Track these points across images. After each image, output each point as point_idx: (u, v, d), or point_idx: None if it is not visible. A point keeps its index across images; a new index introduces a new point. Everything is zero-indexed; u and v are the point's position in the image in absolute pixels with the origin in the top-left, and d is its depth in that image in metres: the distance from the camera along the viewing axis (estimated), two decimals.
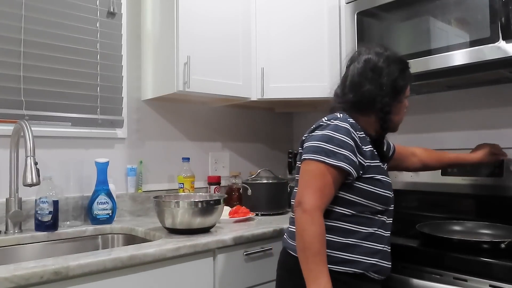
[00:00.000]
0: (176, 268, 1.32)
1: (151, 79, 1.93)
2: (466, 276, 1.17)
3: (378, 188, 1.17)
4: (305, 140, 1.23)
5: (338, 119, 1.19)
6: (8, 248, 1.45)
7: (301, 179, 1.17)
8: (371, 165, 1.18)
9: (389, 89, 1.20)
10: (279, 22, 2.00)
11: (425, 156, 1.60)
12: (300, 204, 1.11)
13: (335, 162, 1.12)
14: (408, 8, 1.62)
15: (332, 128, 1.16)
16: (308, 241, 1.08)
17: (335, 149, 1.13)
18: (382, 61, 1.23)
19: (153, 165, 2.03)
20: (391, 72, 1.22)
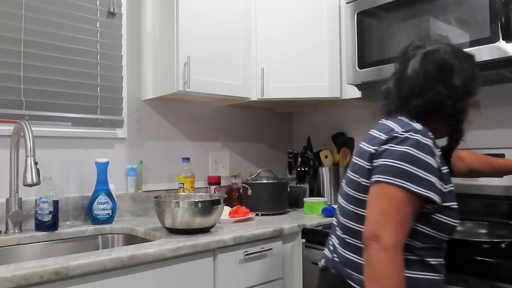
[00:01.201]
0: (176, 268, 1.32)
1: (151, 79, 1.93)
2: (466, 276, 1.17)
3: (452, 219, 1.00)
4: (376, 155, 1.00)
5: (419, 131, 0.97)
6: (8, 248, 1.45)
7: (375, 205, 0.95)
8: (448, 191, 1.00)
9: (461, 91, 1.03)
10: (279, 22, 2.00)
11: (473, 161, 1.41)
12: (377, 239, 0.91)
13: (421, 190, 0.92)
14: (408, 8, 1.62)
15: (414, 144, 0.95)
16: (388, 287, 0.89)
17: (421, 173, 0.93)
18: (452, 56, 1.05)
19: (153, 165, 2.03)
20: (464, 71, 1.04)
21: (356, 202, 1.04)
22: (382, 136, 1.02)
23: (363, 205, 1.01)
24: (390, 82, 1.13)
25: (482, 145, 1.78)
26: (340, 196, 1.13)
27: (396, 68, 1.13)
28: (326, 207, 1.86)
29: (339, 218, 1.11)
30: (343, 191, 1.11)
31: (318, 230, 1.64)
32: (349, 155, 2.30)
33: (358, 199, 1.03)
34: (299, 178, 2.29)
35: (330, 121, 2.45)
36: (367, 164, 1.01)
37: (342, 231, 1.08)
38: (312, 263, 1.60)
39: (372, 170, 0.99)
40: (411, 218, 0.94)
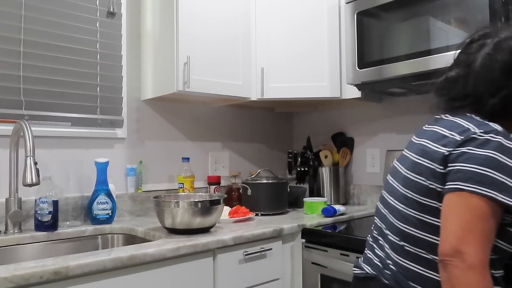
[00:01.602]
0: (176, 268, 1.32)
1: (151, 79, 1.93)
2: None
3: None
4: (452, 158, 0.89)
5: (500, 133, 0.87)
6: (8, 248, 1.45)
7: (455, 216, 0.84)
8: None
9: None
10: (279, 22, 2.00)
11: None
12: (460, 256, 0.80)
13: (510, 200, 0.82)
14: (408, 8, 1.62)
15: (498, 148, 0.85)
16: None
17: (508, 181, 0.83)
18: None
19: (153, 165, 2.03)
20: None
21: (420, 207, 0.92)
22: (456, 136, 0.91)
23: (428, 211, 0.91)
24: (453, 73, 1.02)
25: None
26: (391, 196, 1.02)
27: (460, 59, 1.01)
28: (326, 207, 1.86)
29: (393, 221, 0.99)
30: (397, 192, 0.99)
31: (318, 230, 1.64)
32: (349, 155, 2.30)
33: (422, 204, 0.92)
34: (299, 178, 2.29)
35: (330, 121, 2.45)
36: (439, 167, 0.90)
37: (399, 237, 0.96)
38: (312, 263, 1.60)
39: (447, 174, 0.88)
40: (495, 231, 0.84)
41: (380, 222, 1.04)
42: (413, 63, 1.59)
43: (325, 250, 1.56)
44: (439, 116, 1.03)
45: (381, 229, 1.03)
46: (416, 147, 1.00)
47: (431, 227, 0.90)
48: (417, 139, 1.03)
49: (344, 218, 1.86)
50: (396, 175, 1.02)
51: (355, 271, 1.07)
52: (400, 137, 2.10)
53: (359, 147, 2.30)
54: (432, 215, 0.90)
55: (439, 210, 0.90)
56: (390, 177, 1.06)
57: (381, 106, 2.20)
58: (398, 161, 1.06)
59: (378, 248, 1.02)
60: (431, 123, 1.03)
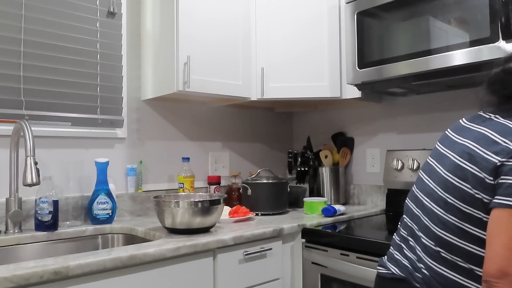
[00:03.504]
0: (176, 268, 1.32)
1: (151, 79, 1.93)
2: None
3: None
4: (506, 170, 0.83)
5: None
6: (8, 248, 1.45)
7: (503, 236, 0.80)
8: None
9: None
10: (279, 21, 2.00)
11: None
12: (508, 277, 0.78)
13: None
14: (408, 8, 1.62)
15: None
16: None
17: None
18: None
19: (153, 165, 2.03)
20: None
21: (461, 215, 0.88)
22: (510, 144, 0.84)
23: (471, 221, 0.87)
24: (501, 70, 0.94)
25: None
26: (427, 198, 0.97)
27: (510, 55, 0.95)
28: (326, 207, 1.86)
29: (429, 224, 0.95)
30: (435, 194, 0.95)
31: (318, 230, 1.64)
32: (349, 155, 2.30)
33: (465, 213, 0.87)
34: (299, 178, 2.29)
35: (330, 121, 2.45)
36: (489, 177, 0.85)
37: (435, 242, 0.92)
38: (312, 263, 1.60)
39: (497, 187, 0.83)
40: None
41: (412, 222, 1.00)
42: (413, 63, 1.59)
43: (325, 250, 1.56)
44: (487, 116, 0.95)
45: (413, 230, 0.99)
46: (459, 147, 0.93)
47: (471, 237, 0.86)
48: (459, 138, 0.95)
49: (344, 218, 1.86)
50: (433, 174, 0.96)
51: (380, 270, 1.03)
52: (400, 137, 2.10)
53: (359, 147, 2.30)
54: (474, 225, 0.86)
55: (483, 221, 0.85)
56: (424, 176, 1.00)
57: (381, 106, 2.20)
58: (434, 158, 1.00)
59: (407, 249, 0.98)
60: (477, 122, 0.95)
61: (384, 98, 2.17)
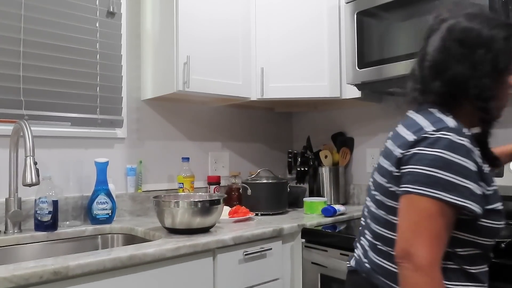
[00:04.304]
0: (175, 268, 1.31)
1: (151, 79, 1.93)
2: None
3: (497, 221, 0.88)
4: (404, 160, 0.89)
5: (452, 130, 0.85)
6: (7, 248, 1.45)
7: (405, 220, 0.86)
8: (493, 192, 0.89)
9: (488, 67, 0.88)
10: (279, 21, 2.00)
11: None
12: (409, 257, 0.82)
13: (457, 200, 0.82)
14: (408, 8, 1.62)
15: (447, 146, 0.84)
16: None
17: (456, 179, 0.82)
18: (475, 28, 0.90)
19: (153, 165, 2.03)
20: (490, 43, 0.89)
21: (387, 208, 0.94)
22: (410, 136, 0.90)
23: (394, 212, 0.91)
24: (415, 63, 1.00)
25: None
26: (368, 198, 1.04)
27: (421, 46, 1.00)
28: (326, 207, 1.86)
29: (368, 222, 1.01)
30: (371, 193, 1.02)
31: (318, 230, 1.64)
32: (349, 155, 2.30)
33: (388, 206, 0.93)
34: (298, 178, 2.29)
35: (329, 121, 2.45)
36: (395, 170, 0.91)
37: (373, 236, 0.98)
38: (312, 263, 1.60)
39: (401, 177, 0.89)
40: (447, 230, 0.84)
41: (363, 220, 1.08)
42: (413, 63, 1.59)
43: (325, 250, 1.56)
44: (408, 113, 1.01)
45: (362, 227, 1.07)
46: (385, 147, 1.00)
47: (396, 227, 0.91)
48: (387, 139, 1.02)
49: (344, 218, 1.86)
50: (373, 175, 1.03)
51: (347, 264, 1.11)
52: None
53: (359, 147, 2.30)
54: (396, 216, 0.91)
55: None
56: (370, 179, 1.07)
57: (381, 106, 2.19)
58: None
59: (359, 245, 1.06)
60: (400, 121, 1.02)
61: (384, 98, 2.16)
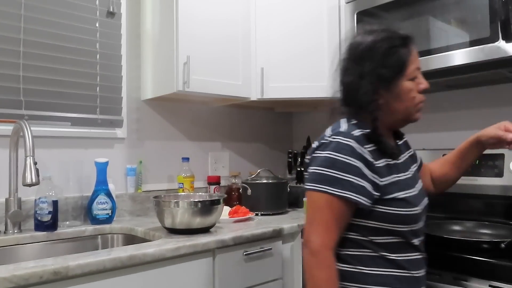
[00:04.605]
0: (175, 268, 1.31)
1: (151, 79, 1.93)
2: (466, 276, 1.17)
3: (402, 208, 0.99)
4: (309, 163, 1.06)
5: (341, 134, 1.01)
6: (7, 248, 1.45)
7: (307, 213, 1.03)
8: (390, 183, 1.00)
9: (372, 77, 1.00)
10: (279, 21, 2.00)
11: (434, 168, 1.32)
12: (306, 243, 0.98)
13: (339, 192, 0.96)
14: (408, 8, 1.62)
15: (334, 147, 0.99)
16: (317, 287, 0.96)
17: (339, 175, 0.97)
18: (363, 42, 1.03)
19: (153, 165, 2.03)
20: (373, 55, 1.01)
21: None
22: (315, 144, 1.08)
23: None
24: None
25: None
26: None
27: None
28: None
29: None
30: None
31: None
32: None
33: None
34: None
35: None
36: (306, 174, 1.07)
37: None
38: None
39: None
40: (337, 219, 0.97)
41: None
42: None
43: None
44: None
45: None
46: None
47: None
48: None
49: None
50: None
51: None
52: None
53: None
54: None
55: None
56: None
57: None
58: None
59: None
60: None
61: None
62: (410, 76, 1.03)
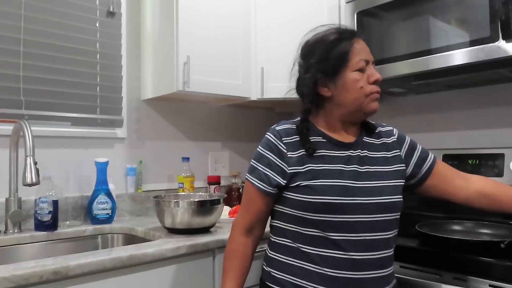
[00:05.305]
0: (175, 268, 1.31)
1: (151, 79, 1.93)
2: (466, 276, 1.17)
3: (307, 195, 1.01)
4: None
5: (269, 129, 1.13)
6: (7, 248, 1.45)
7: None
8: (298, 172, 1.03)
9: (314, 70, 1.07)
10: (279, 21, 2.00)
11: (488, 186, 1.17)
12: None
13: (251, 178, 1.10)
14: (408, 8, 1.62)
15: (261, 142, 1.13)
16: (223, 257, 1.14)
17: (255, 164, 1.10)
18: (311, 40, 1.12)
19: (153, 165, 2.03)
20: (317, 49, 1.08)
21: None
22: None
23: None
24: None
25: (482, 145, 1.78)
26: None
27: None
28: None
29: None
30: None
31: None
32: None
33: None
34: None
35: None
36: None
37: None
38: None
39: None
40: (257, 203, 1.09)
41: None
42: (413, 63, 1.59)
43: None
44: None
45: None
46: None
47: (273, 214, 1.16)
48: None
49: None
50: None
51: None
52: None
53: None
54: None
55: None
56: None
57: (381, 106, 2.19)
58: None
59: None
60: None
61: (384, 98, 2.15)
62: (355, 67, 1.05)
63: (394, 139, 1.19)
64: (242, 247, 1.12)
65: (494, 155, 1.64)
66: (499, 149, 1.65)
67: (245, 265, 1.13)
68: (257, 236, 1.16)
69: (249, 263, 1.14)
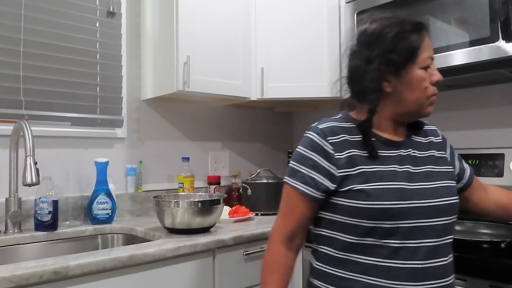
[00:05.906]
0: (175, 268, 1.31)
1: (151, 79, 1.93)
2: (466, 276, 1.17)
3: (360, 200, 0.91)
4: None
5: (311, 128, 1.01)
6: (7, 248, 1.45)
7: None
8: (349, 174, 0.94)
9: (380, 62, 0.94)
10: (279, 21, 2.00)
11: (504, 197, 1.14)
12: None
13: (293, 182, 0.99)
14: (408, 8, 1.62)
15: (301, 141, 1.01)
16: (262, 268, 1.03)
17: (296, 167, 0.99)
18: (374, 27, 0.99)
19: (153, 165, 2.03)
20: (383, 39, 0.95)
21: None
22: None
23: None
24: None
25: (482, 145, 1.78)
26: None
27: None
28: None
29: None
30: None
31: None
32: None
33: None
34: None
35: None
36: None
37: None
38: None
39: None
40: (293, 208, 1.00)
41: None
42: None
43: None
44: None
45: None
46: None
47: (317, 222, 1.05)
48: None
49: None
50: None
51: None
52: None
53: None
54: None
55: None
56: None
57: None
58: None
59: None
60: None
61: None
62: (423, 64, 0.95)
63: (439, 139, 1.11)
64: (283, 258, 1.01)
65: (494, 155, 1.64)
66: (499, 149, 1.65)
67: (287, 278, 1.01)
68: (298, 246, 1.04)
69: (291, 276, 1.02)
